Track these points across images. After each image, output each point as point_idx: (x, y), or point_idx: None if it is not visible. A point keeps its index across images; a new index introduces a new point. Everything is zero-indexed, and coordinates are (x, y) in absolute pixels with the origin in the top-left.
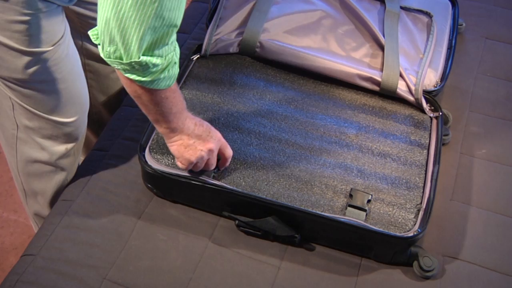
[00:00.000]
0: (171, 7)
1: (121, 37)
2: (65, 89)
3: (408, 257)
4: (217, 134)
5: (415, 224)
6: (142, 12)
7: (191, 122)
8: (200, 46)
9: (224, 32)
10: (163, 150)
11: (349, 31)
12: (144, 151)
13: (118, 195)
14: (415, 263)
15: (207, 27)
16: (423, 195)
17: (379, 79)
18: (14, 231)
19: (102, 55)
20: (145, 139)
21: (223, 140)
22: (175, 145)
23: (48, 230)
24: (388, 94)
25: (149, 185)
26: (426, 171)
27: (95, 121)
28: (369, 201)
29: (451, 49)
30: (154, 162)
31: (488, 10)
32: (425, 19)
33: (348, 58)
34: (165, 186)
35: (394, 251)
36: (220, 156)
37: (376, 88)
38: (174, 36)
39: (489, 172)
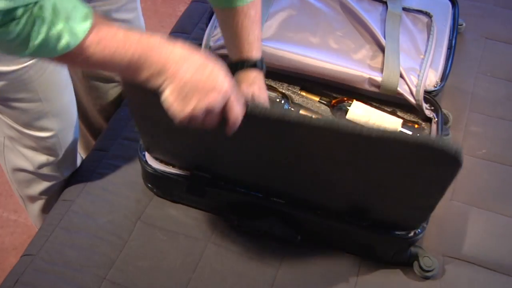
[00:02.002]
0: None
1: None
2: (37, 107)
3: (408, 257)
4: (220, 78)
5: None
6: None
7: (174, 63)
8: (199, 46)
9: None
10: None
11: (349, 32)
12: (144, 151)
13: (118, 195)
14: (415, 263)
15: (207, 26)
16: None
17: (379, 80)
18: (14, 231)
19: None
20: None
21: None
22: (166, 92)
23: (47, 230)
24: (388, 94)
25: (149, 185)
26: None
27: (95, 127)
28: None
29: (451, 49)
30: (154, 162)
31: (488, 10)
32: (425, 19)
33: (347, 60)
34: (165, 186)
35: (394, 251)
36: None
37: (375, 89)
38: None
39: (489, 172)
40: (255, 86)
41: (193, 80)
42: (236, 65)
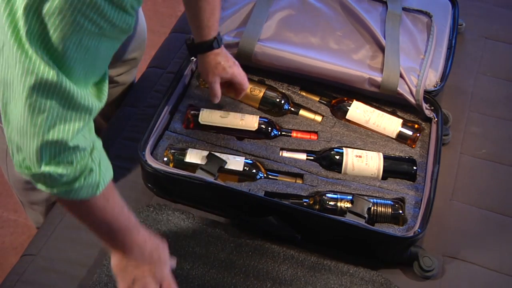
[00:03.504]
0: (64, 119)
1: (23, 147)
2: None
3: (408, 257)
4: (163, 270)
5: (415, 224)
6: (31, 124)
7: (137, 247)
8: None
9: (223, 33)
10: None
11: (348, 32)
12: (144, 151)
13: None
14: (415, 263)
15: None
16: (423, 195)
17: (379, 80)
18: (14, 231)
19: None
20: (145, 139)
21: (167, 276)
22: (112, 258)
23: (48, 230)
24: (388, 94)
25: (149, 185)
26: (426, 171)
27: (95, 127)
28: (369, 209)
29: (451, 49)
30: (154, 162)
31: (488, 10)
32: (424, 19)
33: (347, 60)
34: (165, 186)
35: (394, 251)
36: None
37: (375, 89)
38: (86, 143)
39: (489, 172)
40: (218, 70)
41: (134, 261)
42: (197, 48)
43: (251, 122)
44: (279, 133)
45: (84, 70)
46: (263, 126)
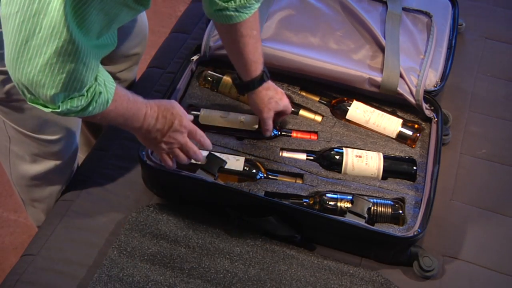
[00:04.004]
0: (83, 73)
1: (35, 93)
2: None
3: (408, 257)
4: (182, 120)
5: (415, 224)
6: (50, 80)
7: (151, 118)
8: (199, 46)
9: None
10: None
11: (348, 32)
12: (144, 151)
13: (118, 195)
14: (415, 263)
15: (207, 26)
16: (423, 195)
17: (379, 80)
18: (14, 231)
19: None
20: None
21: (189, 124)
22: (140, 138)
23: (48, 230)
24: (388, 94)
25: (149, 185)
26: (426, 171)
27: (95, 126)
28: (369, 209)
29: (451, 49)
30: (154, 162)
31: (488, 10)
32: (424, 19)
33: (347, 60)
34: (165, 186)
35: (394, 251)
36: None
37: (375, 89)
38: (93, 75)
39: (489, 172)
40: (272, 104)
41: (154, 128)
42: (248, 86)
43: (251, 122)
44: (279, 133)
45: (99, 30)
46: None
